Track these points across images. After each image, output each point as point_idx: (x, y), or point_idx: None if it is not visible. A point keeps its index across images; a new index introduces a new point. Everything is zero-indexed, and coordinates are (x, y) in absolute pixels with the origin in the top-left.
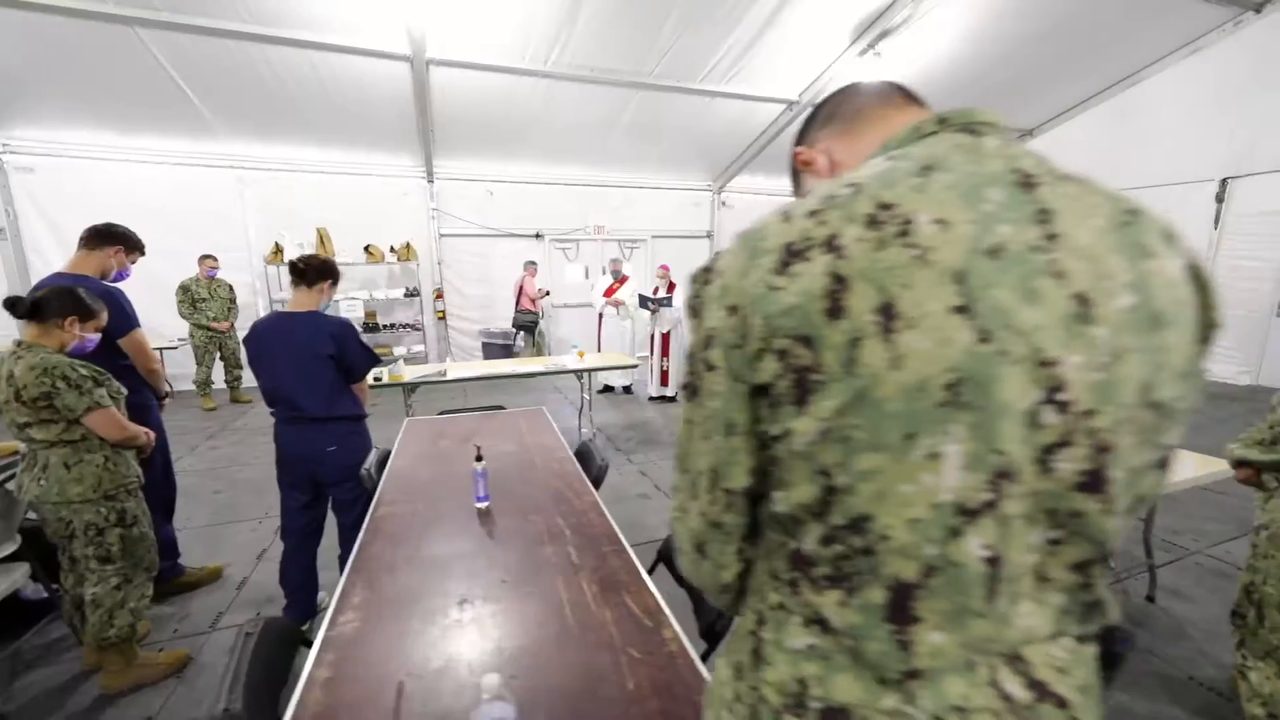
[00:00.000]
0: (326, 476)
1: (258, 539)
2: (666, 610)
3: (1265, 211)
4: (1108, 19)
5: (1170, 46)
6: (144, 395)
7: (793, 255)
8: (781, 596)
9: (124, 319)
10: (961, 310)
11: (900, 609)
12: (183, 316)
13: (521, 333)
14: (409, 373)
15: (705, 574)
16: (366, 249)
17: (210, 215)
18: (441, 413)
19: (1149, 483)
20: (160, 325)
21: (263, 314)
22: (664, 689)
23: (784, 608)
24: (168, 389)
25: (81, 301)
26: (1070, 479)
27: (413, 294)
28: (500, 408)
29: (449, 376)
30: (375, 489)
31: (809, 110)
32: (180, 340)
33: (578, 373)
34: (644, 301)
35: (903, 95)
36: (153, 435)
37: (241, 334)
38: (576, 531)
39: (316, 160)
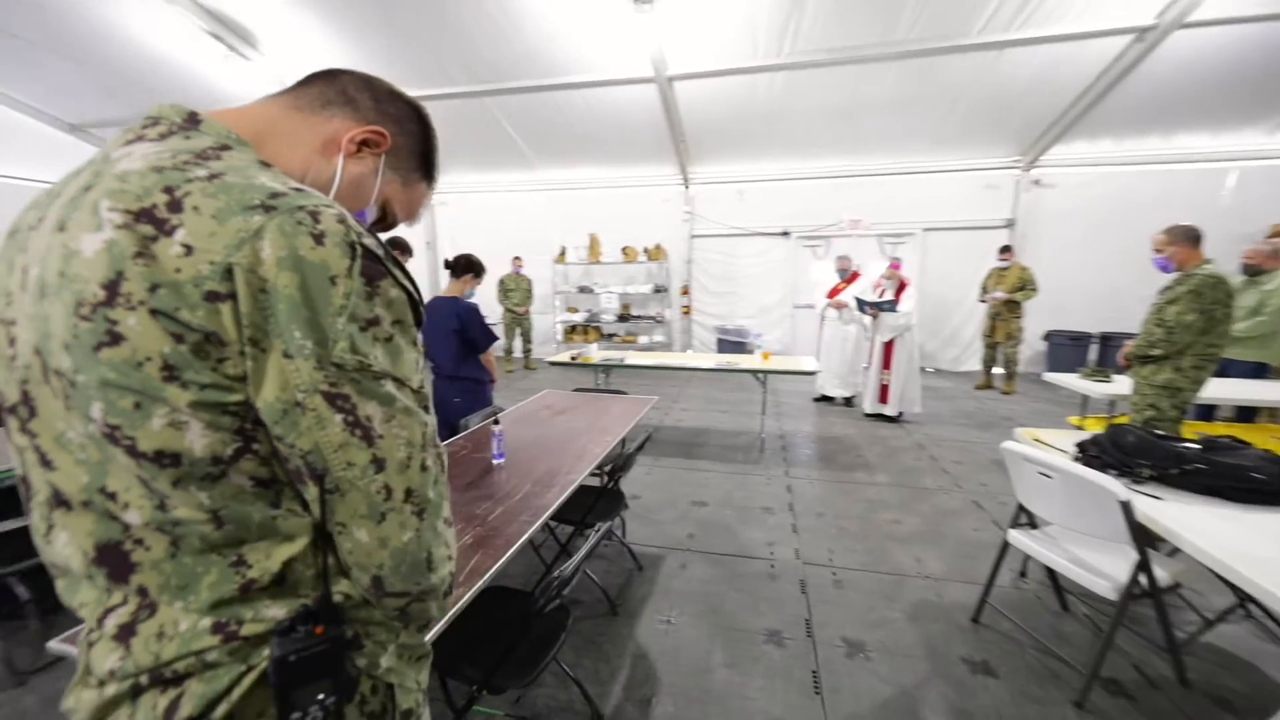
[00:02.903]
0: (452, 420)
1: None
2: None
3: None
4: None
5: None
6: None
7: None
8: None
9: None
10: None
11: None
12: (498, 302)
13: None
14: (632, 358)
15: None
16: (623, 250)
17: (530, 227)
18: (576, 389)
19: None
20: (487, 309)
21: (556, 301)
22: None
23: None
24: None
25: None
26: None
27: (660, 290)
28: (622, 393)
29: (597, 361)
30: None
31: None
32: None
33: (754, 373)
34: (861, 305)
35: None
36: None
37: (538, 318)
38: (512, 500)
39: (596, 178)
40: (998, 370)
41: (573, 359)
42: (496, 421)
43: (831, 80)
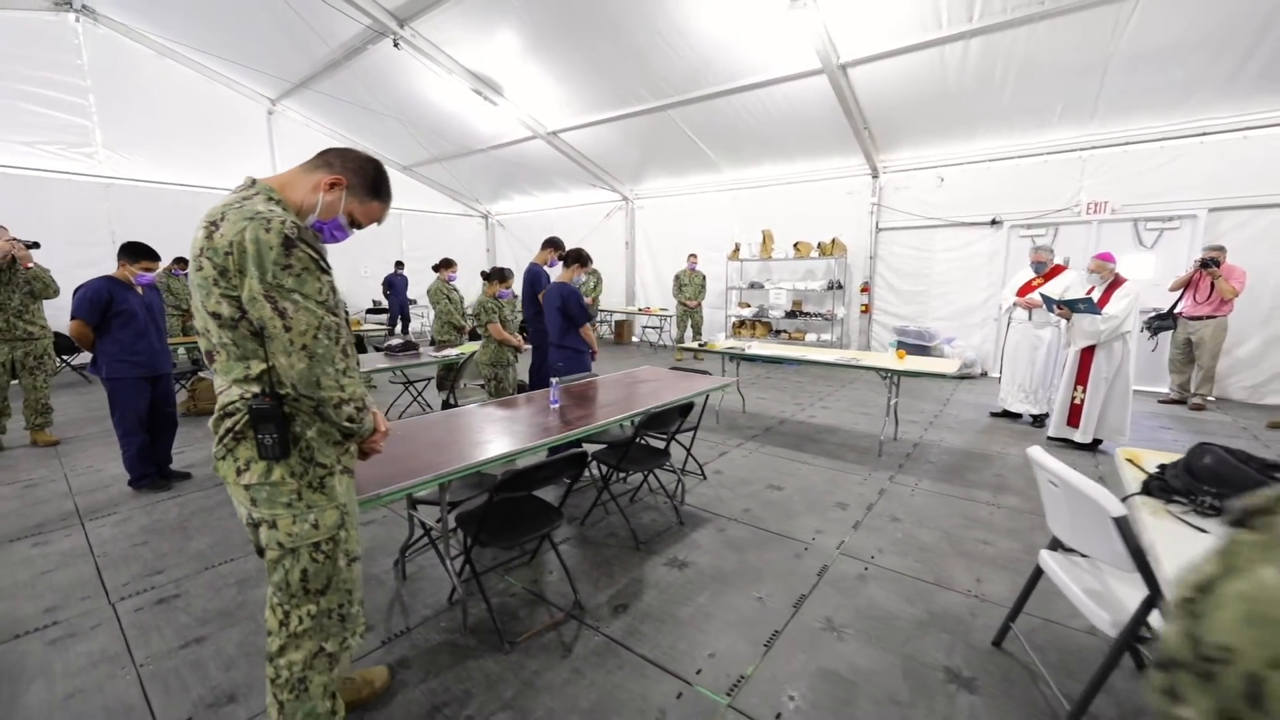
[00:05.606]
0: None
1: None
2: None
3: None
4: None
5: None
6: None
7: None
8: None
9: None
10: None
11: None
12: (673, 296)
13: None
14: (755, 349)
15: None
16: (794, 246)
17: (713, 226)
18: (673, 367)
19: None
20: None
21: (730, 297)
22: None
23: None
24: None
25: (500, 271)
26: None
27: (835, 286)
28: (706, 373)
29: (721, 350)
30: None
31: None
32: (662, 310)
33: (881, 372)
34: (1048, 303)
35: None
36: (522, 343)
37: (712, 312)
38: (540, 429)
39: (778, 174)
40: None
41: (700, 345)
42: (555, 377)
43: (1046, 37)
